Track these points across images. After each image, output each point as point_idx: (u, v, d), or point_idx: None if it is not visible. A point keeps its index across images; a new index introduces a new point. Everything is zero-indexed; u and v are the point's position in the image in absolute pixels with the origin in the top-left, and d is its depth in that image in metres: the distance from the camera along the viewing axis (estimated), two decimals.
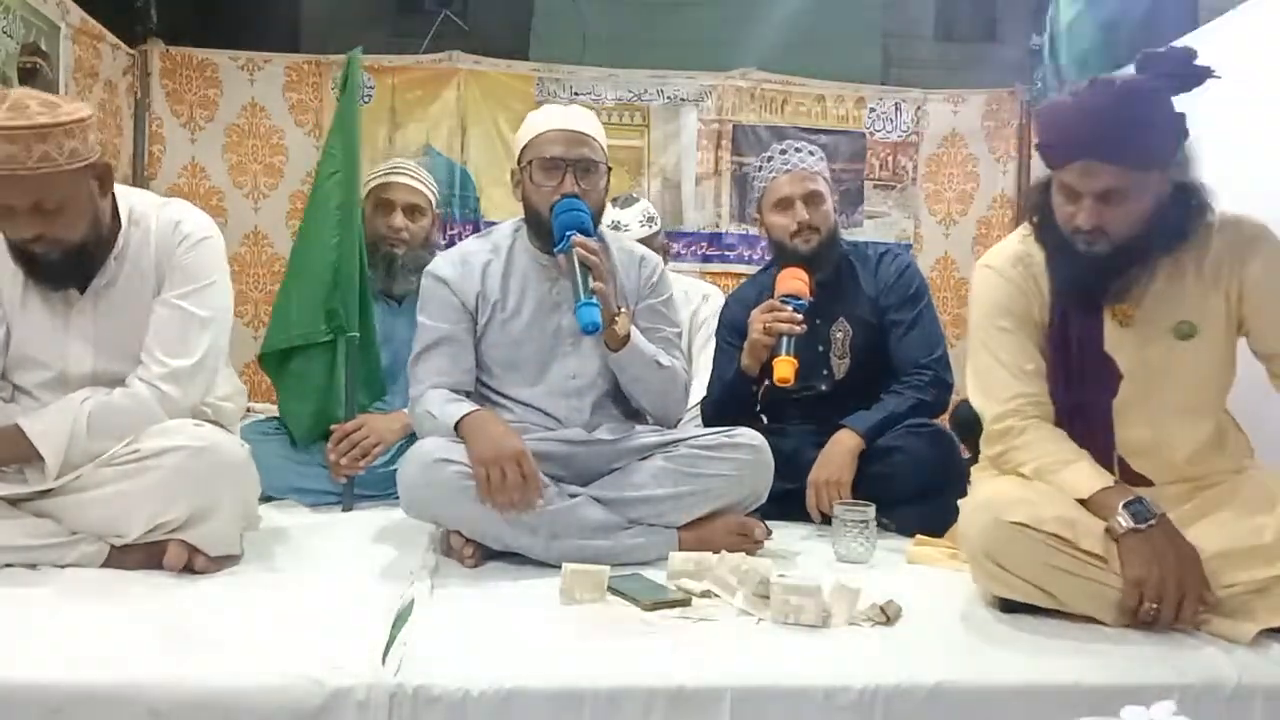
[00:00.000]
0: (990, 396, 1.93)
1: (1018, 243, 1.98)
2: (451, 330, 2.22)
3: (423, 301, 2.27)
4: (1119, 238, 1.79)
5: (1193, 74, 1.77)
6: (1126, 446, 1.89)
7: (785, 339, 2.41)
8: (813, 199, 2.60)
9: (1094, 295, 1.87)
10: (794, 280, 2.50)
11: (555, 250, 2.15)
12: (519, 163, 2.25)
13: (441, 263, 2.29)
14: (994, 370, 1.93)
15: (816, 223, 2.59)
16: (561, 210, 2.12)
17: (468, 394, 2.22)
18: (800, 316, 2.43)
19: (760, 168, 2.70)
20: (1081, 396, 1.89)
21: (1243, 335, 1.89)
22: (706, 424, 2.66)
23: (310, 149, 4.05)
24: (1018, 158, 4.34)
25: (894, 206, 4.38)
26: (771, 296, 2.52)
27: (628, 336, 2.15)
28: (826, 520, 2.35)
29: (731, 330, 2.72)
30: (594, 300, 2.05)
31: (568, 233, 2.10)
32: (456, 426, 2.05)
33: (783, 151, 2.66)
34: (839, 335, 2.66)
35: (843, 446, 2.46)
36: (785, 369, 2.38)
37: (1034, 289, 1.93)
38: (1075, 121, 1.77)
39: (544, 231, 2.19)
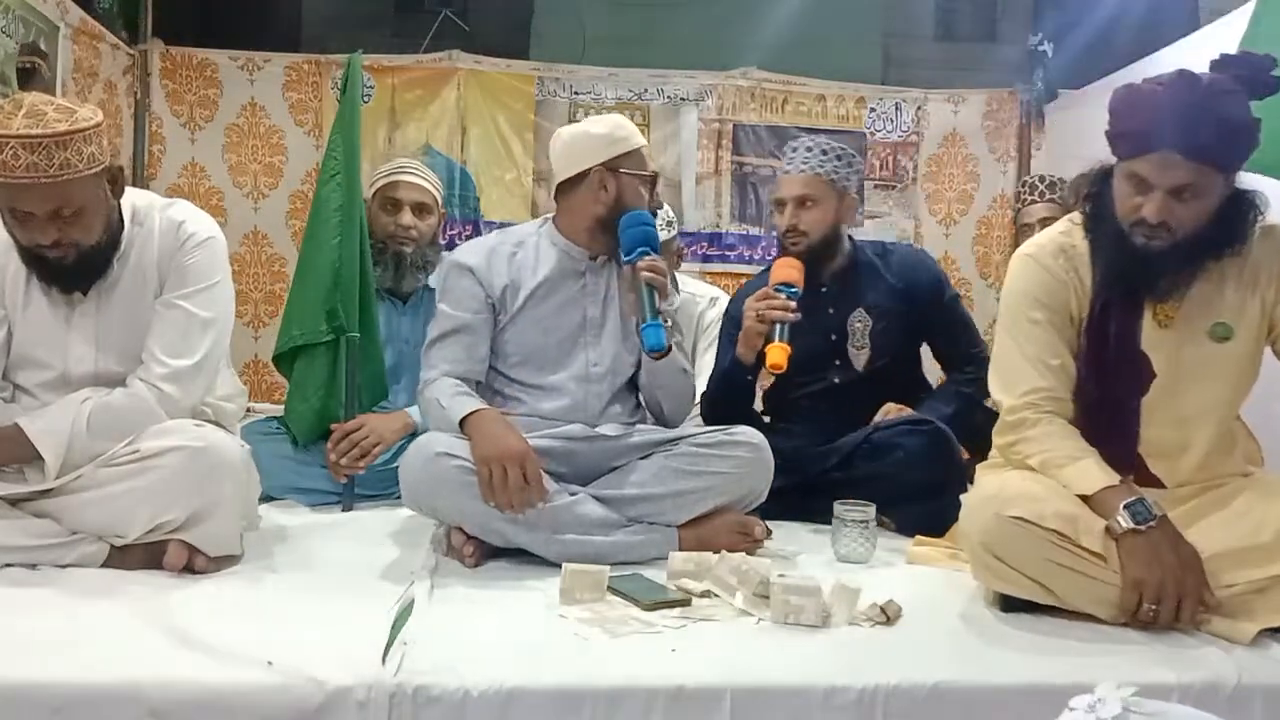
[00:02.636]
0: (1009, 387, 1.92)
1: (1059, 233, 1.96)
2: (471, 320, 2.23)
3: (444, 289, 2.29)
4: (1180, 235, 1.76)
5: (1269, 82, 1.76)
6: (1148, 447, 1.88)
7: (779, 326, 2.42)
8: (802, 203, 2.61)
9: (1140, 291, 1.85)
10: (788, 269, 2.51)
11: (625, 260, 2.19)
12: (606, 164, 2.22)
13: (466, 252, 2.31)
14: (1017, 361, 1.92)
15: (804, 227, 2.61)
16: (634, 223, 2.18)
17: (478, 384, 2.24)
18: (794, 304, 2.43)
19: (780, 162, 2.76)
20: (1112, 392, 1.88)
21: (1270, 341, 1.88)
22: (705, 417, 2.67)
23: (310, 149, 4.06)
24: (1018, 158, 4.35)
25: (894, 206, 4.38)
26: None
27: (669, 348, 2.20)
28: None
29: (734, 324, 2.72)
30: (659, 321, 2.11)
31: (639, 248, 2.16)
32: (462, 423, 2.05)
33: (793, 150, 2.68)
34: (858, 325, 2.66)
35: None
36: (778, 355, 2.39)
37: (1075, 281, 1.91)
38: (1159, 111, 1.72)
39: (613, 230, 2.22)
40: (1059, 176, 3.26)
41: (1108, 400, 1.88)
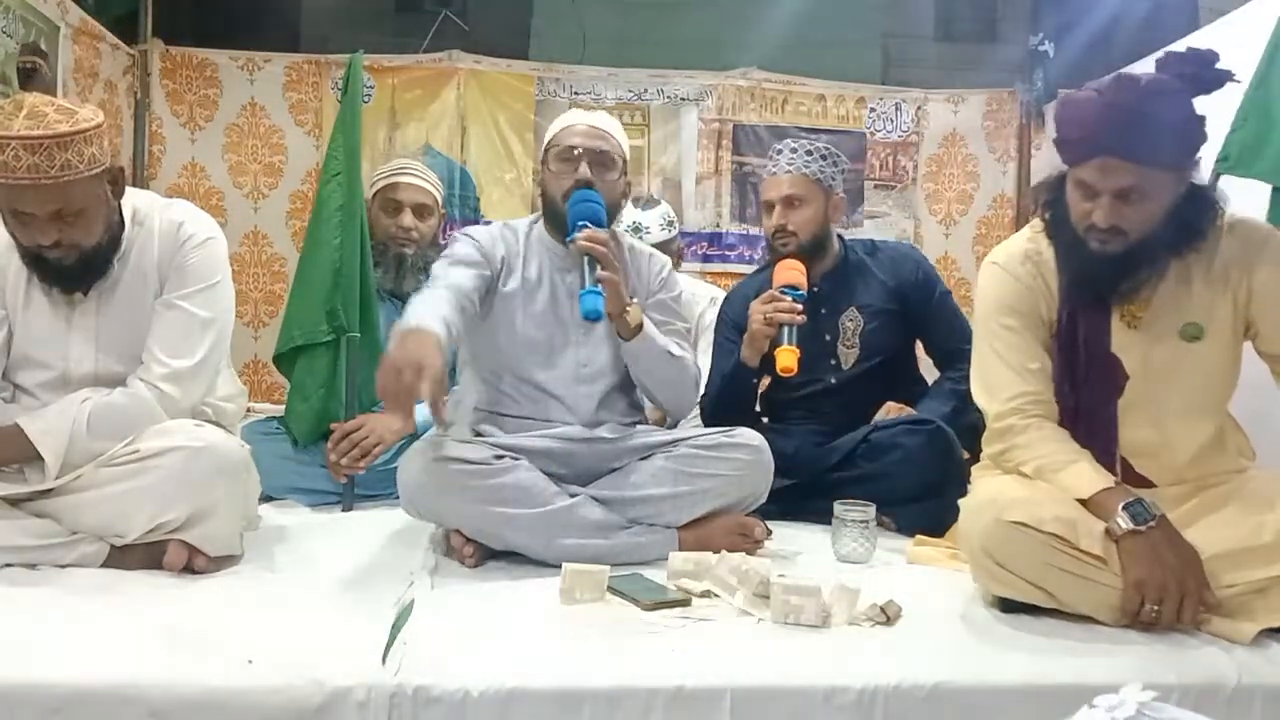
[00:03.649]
0: (993, 395, 1.93)
1: (1026, 240, 1.97)
2: (479, 260, 2.22)
3: (451, 248, 2.28)
4: (1134, 237, 1.77)
5: (1214, 76, 1.76)
6: (1130, 448, 1.88)
7: (787, 329, 2.42)
8: (790, 203, 2.62)
9: (1103, 295, 1.85)
10: (792, 271, 2.51)
11: (566, 239, 2.17)
12: (541, 160, 2.32)
13: (470, 229, 2.35)
14: (998, 368, 1.93)
15: (793, 227, 2.61)
16: (576, 201, 2.16)
17: (465, 307, 2.15)
18: (800, 306, 2.43)
19: (765, 165, 2.74)
20: (1087, 397, 1.88)
21: (1250, 338, 1.88)
22: (706, 421, 2.67)
23: (310, 149, 4.06)
24: (1018, 158, 4.35)
25: (894, 206, 4.38)
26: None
27: (640, 326, 2.17)
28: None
29: (731, 327, 2.72)
30: (598, 289, 2.06)
31: (579, 222, 2.13)
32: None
33: (778, 151, 2.69)
34: (849, 325, 2.67)
35: None
36: (788, 358, 2.39)
37: (1042, 287, 1.92)
38: (1098, 117, 1.73)
39: (559, 221, 2.23)
40: None
41: (1084, 404, 1.88)
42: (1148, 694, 0.94)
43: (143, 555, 1.89)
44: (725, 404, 2.65)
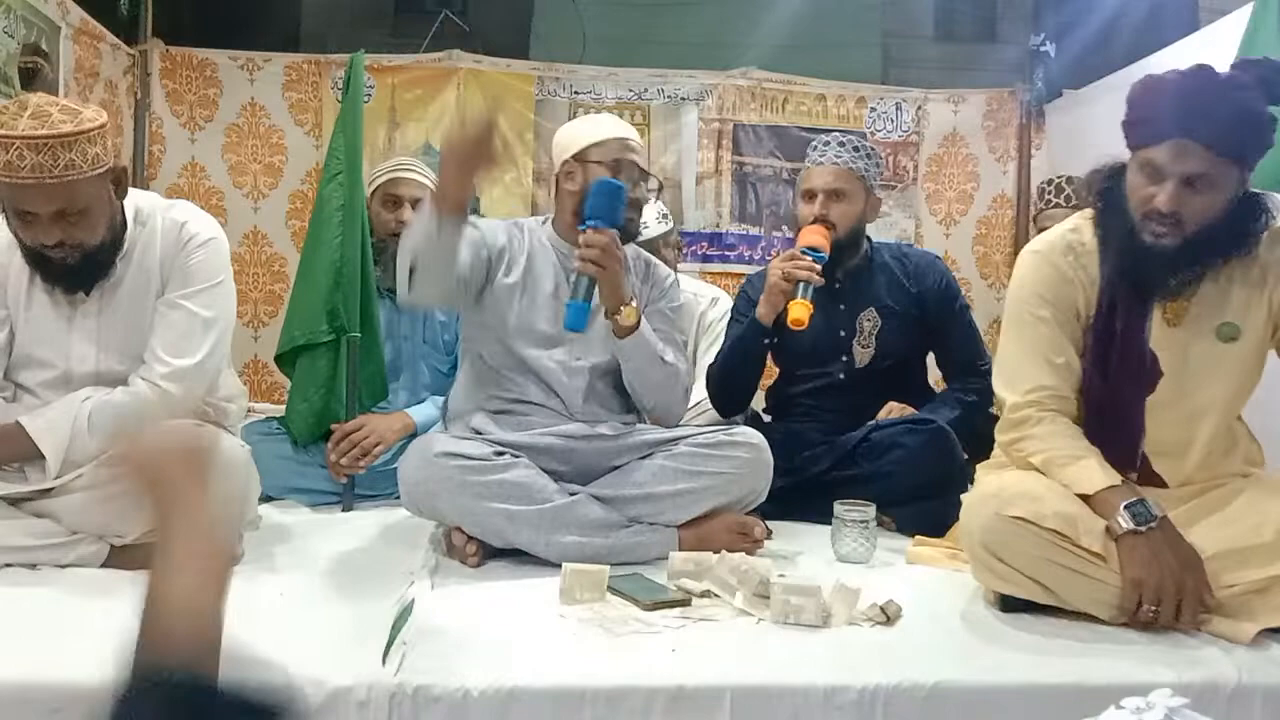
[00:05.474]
0: (1013, 385, 1.92)
1: (1068, 230, 1.95)
2: (475, 239, 2.20)
3: None
4: (1190, 230, 1.76)
5: None
6: (1153, 445, 1.88)
7: (802, 285, 2.41)
8: (834, 196, 2.60)
9: (1149, 289, 1.84)
10: (815, 235, 2.51)
11: (580, 227, 2.13)
12: (575, 156, 2.26)
13: (471, 219, 2.29)
14: (1021, 359, 1.92)
15: (834, 219, 2.60)
16: (597, 191, 2.12)
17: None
18: (819, 267, 2.43)
19: (808, 155, 2.71)
20: (1119, 391, 1.87)
21: (1275, 343, 1.88)
22: (710, 393, 2.68)
23: (310, 149, 4.06)
24: (1018, 158, 4.35)
25: (894, 206, 4.38)
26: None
27: (635, 326, 2.17)
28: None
29: (749, 305, 2.70)
30: (585, 303, 2.06)
31: (591, 220, 2.10)
32: None
33: (825, 143, 2.67)
34: (866, 323, 2.67)
35: None
36: (800, 311, 2.37)
37: (1083, 278, 1.90)
38: (1177, 99, 1.73)
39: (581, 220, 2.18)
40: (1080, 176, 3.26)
41: (1114, 398, 1.87)
42: (1178, 700, 0.94)
43: (143, 555, 1.88)
44: (733, 368, 2.63)
